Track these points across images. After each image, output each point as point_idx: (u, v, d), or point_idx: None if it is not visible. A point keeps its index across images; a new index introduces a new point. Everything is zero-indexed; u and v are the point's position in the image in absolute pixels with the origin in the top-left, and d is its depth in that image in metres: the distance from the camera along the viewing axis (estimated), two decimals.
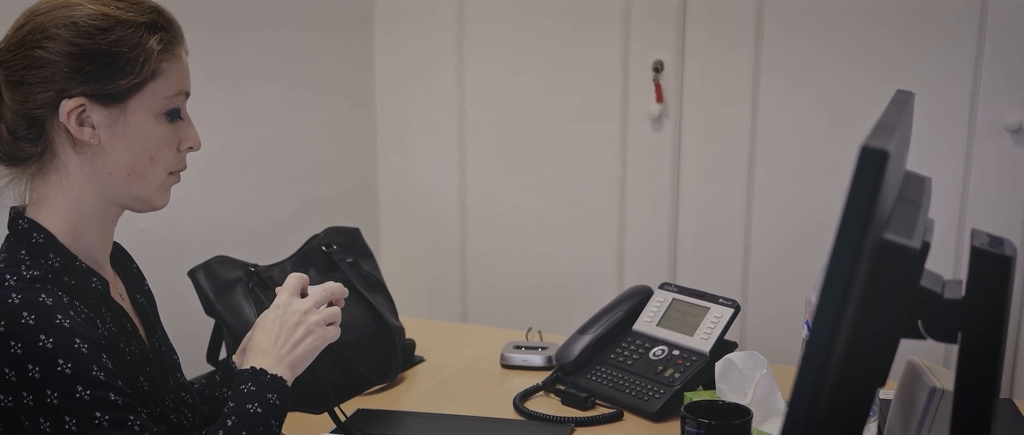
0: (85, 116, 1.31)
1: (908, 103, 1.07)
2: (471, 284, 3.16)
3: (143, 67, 1.31)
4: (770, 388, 1.73)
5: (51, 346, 1.23)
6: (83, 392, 1.23)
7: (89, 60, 1.29)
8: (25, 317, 1.23)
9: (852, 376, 0.87)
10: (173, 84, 1.35)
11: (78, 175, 1.34)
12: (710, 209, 2.82)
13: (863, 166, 0.74)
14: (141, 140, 1.34)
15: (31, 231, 1.33)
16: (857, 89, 2.59)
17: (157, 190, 1.39)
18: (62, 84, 1.29)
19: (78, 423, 1.23)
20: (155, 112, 1.34)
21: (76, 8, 1.30)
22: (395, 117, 3.15)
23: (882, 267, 0.82)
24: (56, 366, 1.23)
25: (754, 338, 2.76)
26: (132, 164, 1.35)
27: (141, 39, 1.31)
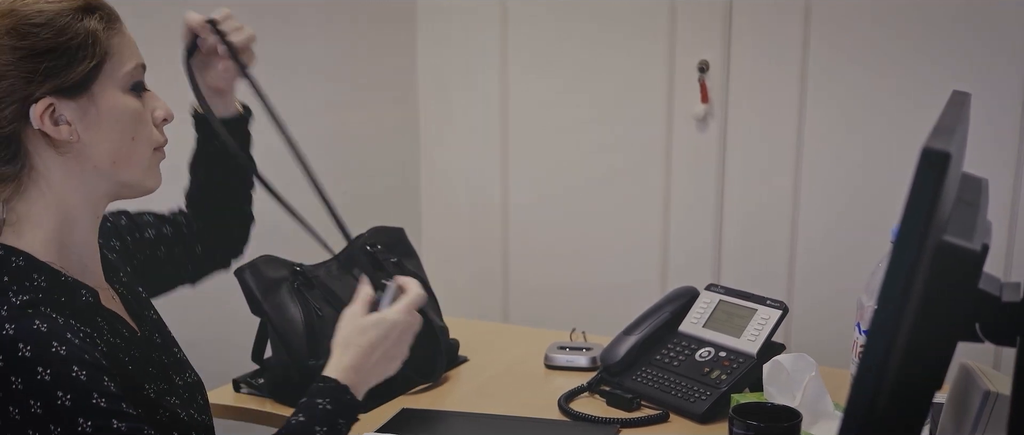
0: (57, 115, 1.29)
1: (965, 104, 1.06)
2: (513, 283, 3.16)
3: (94, 48, 1.30)
4: (819, 391, 1.71)
5: (49, 378, 1.20)
6: (85, 424, 1.20)
7: (40, 58, 1.27)
8: (22, 349, 1.20)
9: (910, 379, 0.86)
10: (127, 58, 1.34)
11: (61, 181, 1.33)
12: (756, 210, 2.80)
13: (924, 168, 0.73)
14: (117, 121, 1.33)
15: (8, 257, 1.30)
16: (906, 89, 2.56)
17: (146, 171, 1.38)
18: (23, 91, 1.27)
19: None
20: (121, 89, 1.33)
21: (13, 15, 1.28)
22: (437, 116, 3.16)
23: (942, 269, 0.81)
24: (56, 400, 1.20)
25: (799, 340, 2.74)
26: (115, 150, 1.34)
27: (82, 23, 1.29)
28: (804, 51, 2.65)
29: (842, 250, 2.70)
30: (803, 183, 2.73)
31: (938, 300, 0.83)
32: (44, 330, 1.22)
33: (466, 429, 1.82)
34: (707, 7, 2.73)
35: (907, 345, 0.82)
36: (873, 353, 0.78)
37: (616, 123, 2.91)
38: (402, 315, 1.47)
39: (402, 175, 3.15)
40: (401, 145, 3.14)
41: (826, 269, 2.73)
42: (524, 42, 2.99)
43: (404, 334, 1.47)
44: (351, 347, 1.44)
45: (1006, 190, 2.51)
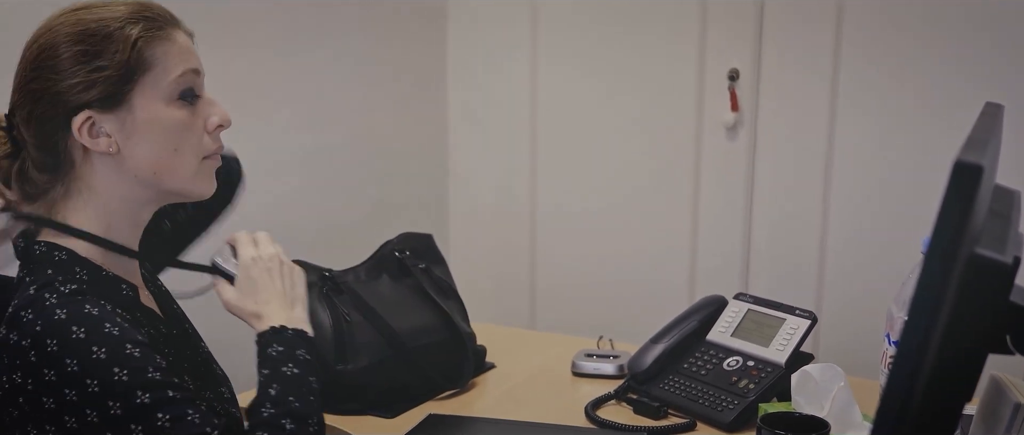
0: (96, 128, 1.31)
1: (998, 115, 1.05)
2: (540, 289, 3.16)
3: (129, 60, 1.30)
4: (848, 401, 1.70)
5: (105, 356, 1.22)
6: (143, 396, 1.23)
7: (77, 71, 1.29)
8: (75, 331, 1.22)
9: (940, 390, 0.86)
10: (173, 67, 1.33)
11: (103, 187, 1.35)
12: (785, 219, 2.79)
13: (957, 181, 0.73)
14: (157, 133, 1.33)
15: (51, 252, 1.33)
16: (938, 99, 2.55)
17: (192, 179, 1.38)
18: (63, 104, 1.30)
19: (144, 429, 1.23)
20: (166, 100, 1.33)
21: (53, 31, 1.31)
22: (466, 122, 3.17)
23: (973, 282, 0.81)
24: (112, 376, 1.22)
25: (828, 350, 2.73)
26: (156, 161, 1.34)
27: (120, 33, 1.30)
28: (835, 60, 2.64)
29: (872, 259, 2.68)
30: (833, 192, 2.72)
31: (969, 312, 0.82)
32: (94, 313, 1.24)
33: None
34: (737, 15, 2.72)
35: (937, 357, 0.82)
36: (903, 365, 0.78)
37: (645, 130, 2.91)
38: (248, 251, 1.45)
39: (430, 181, 3.16)
40: (430, 151, 3.15)
41: (855, 279, 2.72)
42: (554, 51, 2.99)
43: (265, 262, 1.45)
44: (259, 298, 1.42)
45: None
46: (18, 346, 1.24)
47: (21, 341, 1.23)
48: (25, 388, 1.23)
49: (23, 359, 1.23)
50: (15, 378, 1.24)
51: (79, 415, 1.22)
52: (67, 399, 1.22)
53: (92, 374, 1.21)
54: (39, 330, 1.23)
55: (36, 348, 1.22)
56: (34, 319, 1.24)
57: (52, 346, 1.22)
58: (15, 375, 1.24)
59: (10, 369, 1.24)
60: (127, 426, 1.22)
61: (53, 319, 1.23)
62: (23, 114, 1.33)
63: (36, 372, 1.22)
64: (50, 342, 1.22)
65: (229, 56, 2.31)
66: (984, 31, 2.48)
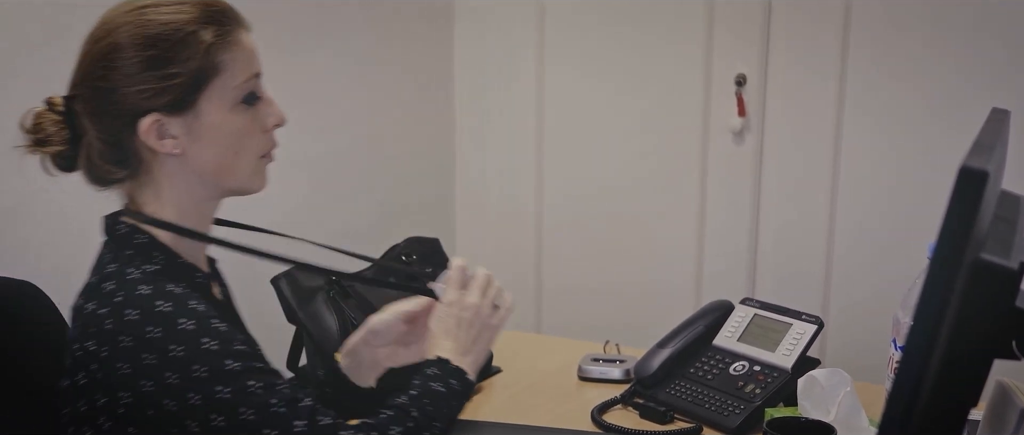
0: (163, 130, 1.33)
1: (1004, 122, 1.05)
2: (546, 294, 3.16)
3: (201, 67, 1.31)
4: (854, 406, 1.70)
5: (193, 327, 1.25)
6: (234, 364, 1.26)
7: (149, 76, 1.30)
8: (160, 305, 1.26)
9: (945, 395, 0.86)
10: (240, 72, 1.35)
11: (169, 183, 1.37)
12: (792, 224, 2.79)
13: (962, 186, 0.74)
14: (222, 137, 1.35)
15: (132, 234, 1.36)
16: (945, 104, 2.55)
17: (249, 178, 1.40)
18: (132, 105, 1.31)
19: (232, 391, 1.25)
20: (229, 104, 1.35)
21: (124, 29, 1.31)
22: (473, 127, 3.17)
23: (978, 287, 0.81)
24: (201, 344, 1.25)
25: (834, 355, 2.73)
26: (218, 161, 1.36)
27: (194, 38, 1.31)
28: (842, 65, 2.64)
29: (878, 264, 2.68)
30: (839, 197, 2.72)
31: (974, 317, 0.83)
32: (177, 291, 1.28)
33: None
34: (744, 21, 2.73)
35: (942, 362, 0.82)
36: (908, 370, 0.78)
37: (652, 135, 2.92)
38: (450, 294, 1.49)
39: (437, 185, 3.17)
40: (436, 155, 3.16)
41: (862, 283, 2.72)
42: (561, 55, 3.00)
43: (462, 309, 1.48)
44: (433, 332, 1.47)
45: None
46: (94, 314, 1.27)
47: (99, 309, 1.27)
48: (98, 356, 1.25)
49: (98, 327, 1.26)
50: (88, 346, 1.27)
51: (157, 379, 1.24)
52: (145, 363, 1.24)
53: (177, 341, 1.24)
54: (119, 301, 1.26)
55: (114, 318, 1.25)
56: (115, 290, 1.27)
57: (132, 315, 1.25)
58: (89, 343, 1.27)
59: (83, 337, 1.28)
60: (213, 388, 1.24)
61: (136, 293, 1.27)
62: (87, 107, 1.34)
63: (112, 340, 1.25)
64: (130, 312, 1.25)
65: None
66: (992, 36, 2.48)
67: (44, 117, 1.36)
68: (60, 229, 2.11)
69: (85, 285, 1.34)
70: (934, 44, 2.55)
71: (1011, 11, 2.46)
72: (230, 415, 1.25)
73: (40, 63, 2.03)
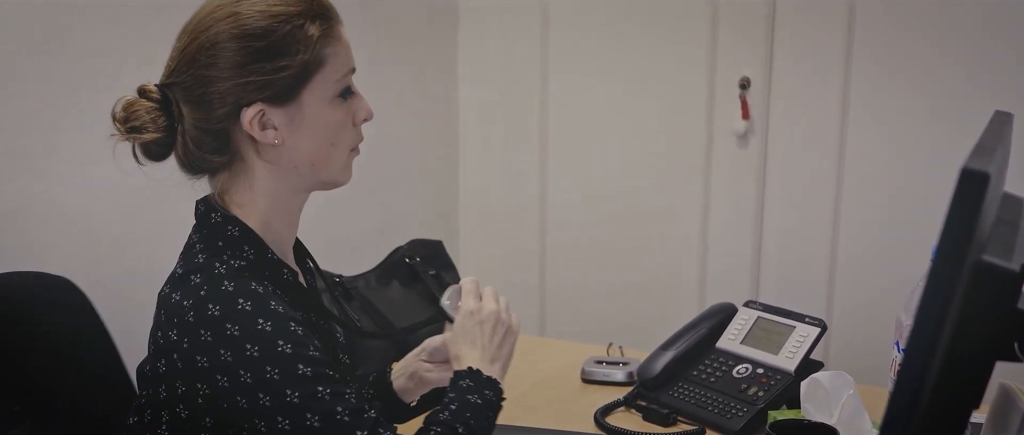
0: (266, 120, 1.34)
1: (1007, 124, 1.06)
2: (550, 296, 3.16)
3: (309, 60, 1.34)
4: (857, 409, 1.70)
5: (270, 328, 1.27)
6: (305, 369, 1.27)
7: (258, 67, 1.32)
8: (242, 304, 1.27)
9: (946, 398, 0.86)
10: (340, 66, 1.38)
11: (264, 174, 1.38)
12: (795, 227, 2.79)
13: (963, 188, 0.74)
14: (320, 129, 1.37)
15: (225, 225, 1.37)
16: (950, 107, 2.55)
17: (341, 170, 1.43)
18: (237, 95, 1.33)
19: (300, 396, 1.26)
20: (328, 98, 1.37)
21: (235, 18, 1.33)
22: (477, 130, 3.17)
23: (980, 289, 0.81)
24: (276, 346, 1.26)
25: (838, 357, 2.73)
26: (315, 153, 1.38)
27: (302, 32, 1.33)
28: (846, 68, 2.64)
29: (882, 268, 2.68)
30: (843, 201, 2.72)
31: (975, 319, 0.83)
32: (260, 291, 1.30)
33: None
34: (748, 23, 2.73)
35: (944, 364, 0.82)
36: (909, 371, 0.78)
37: (656, 137, 2.92)
38: (470, 303, 1.51)
39: (441, 188, 3.17)
40: (440, 158, 3.16)
41: (866, 287, 2.72)
42: (565, 58, 3.00)
43: (483, 316, 1.50)
44: (458, 345, 1.48)
45: None
46: (179, 305, 1.29)
47: (184, 301, 1.29)
48: (181, 346, 1.28)
49: (181, 318, 1.28)
50: (171, 335, 1.29)
51: (231, 375, 1.26)
52: (222, 360, 1.26)
53: (253, 341, 1.26)
54: (203, 295, 1.28)
55: (196, 311, 1.27)
56: (201, 284, 1.29)
57: (213, 311, 1.27)
58: (171, 332, 1.29)
59: (167, 326, 1.30)
60: (283, 390, 1.26)
61: (219, 289, 1.28)
62: (189, 95, 1.35)
63: (193, 333, 1.27)
64: (212, 308, 1.27)
65: None
66: (996, 38, 2.49)
67: (138, 105, 1.36)
68: (62, 229, 2.11)
69: (174, 273, 1.35)
70: (938, 47, 2.55)
71: (1016, 13, 2.46)
72: (296, 419, 1.26)
73: (40, 65, 2.03)
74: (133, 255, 2.21)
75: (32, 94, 2.04)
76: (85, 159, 2.10)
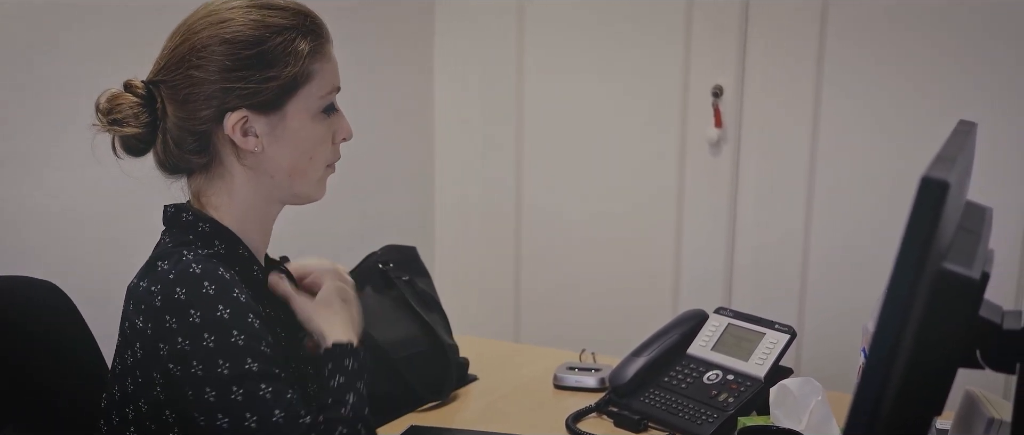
0: (248, 126, 1.36)
1: (970, 133, 1.07)
2: (525, 303, 3.17)
3: (296, 73, 1.36)
4: (825, 415, 1.71)
5: (227, 317, 1.28)
6: (252, 364, 1.27)
7: (246, 74, 1.34)
8: (206, 287, 1.28)
9: (908, 404, 0.87)
10: (326, 83, 1.41)
11: (243, 179, 1.40)
12: (767, 234, 2.81)
13: (923, 196, 0.75)
14: (301, 141, 1.40)
15: (197, 222, 1.39)
16: (919, 118, 2.57)
17: (316, 185, 1.45)
18: (223, 99, 1.35)
19: (244, 394, 1.27)
20: (312, 113, 1.40)
21: (228, 24, 1.35)
22: (453, 137, 3.18)
23: (941, 296, 0.82)
24: (230, 337, 1.27)
25: (809, 364, 2.74)
26: (293, 165, 1.40)
27: (292, 45, 1.36)
28: (817, 77, 2.66)
29: (853, 275, 2.70)
30: (815, 207, 2.74)
31: (937, 326, 0.84)
32: (226, 277, 1.31)
33: None
34: (721, 31, 2.74)
35: (906, 371, 0.83)
36: (871, 377, 0.79)
37: (630, 144, 2.93)
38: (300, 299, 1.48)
39: (416, 193, 3.17)
40: (415, 164, 3.16)
41: (837, 293, 2.73)
42: (540, 66, 3.01)
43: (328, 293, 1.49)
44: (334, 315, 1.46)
45: (1018, 219, 2.51)
46: (147, 292, 1.30)
47: (151, 287, 1.30)
48: (145, 333, 1.29)
49: (148, 304, 1.29)
50: (137, 322, 1.30)
51: (184, 365, 1.27)
52: (178, 348, 1.27)
53: (211, 330, 1.27)
54: (171, 279, 1.29)
55: (163, 295, 1.28)
56: (169, 269, 1.30)
57: (180, 294, 1.27)
58: (138, 319, 1.30)
59: (135, 313, 1.31)
60: (229, 387, 1.27)
61: (187, 272, 1.29)
62: (175, 93, 1.36)
63: (158, 318, 1.28)
64: (179, 291, 1.28)
65: None
66: (968, 49, 2.51)
67: (122, 99, 1.38)
68: (47, 234, 2.10)
69: (143, 266, 1.36)
70: (911, 57, 2.57)
71: (989, 22, 2.48)
72: (235, 418, 1.27)
73: (23, 69, 2.03)
74: (117, 258, 2.20)
75: (14, 99, 2.04)
76: (69, 163, 2.10)
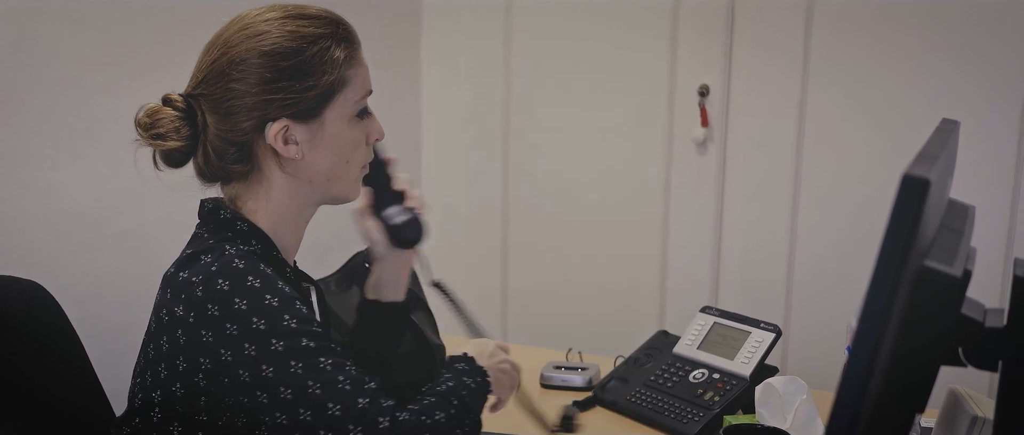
0: (289, 135, 1.39)
1: (953, 132, 1.07)
2: (512, 301, 3.17)
3: (333, 80, 1.40)
4: (810, 414, 1.72)
5: (277, 304, 1.31)
6: (308, 342, 1.30)
7: (286, 85, 1.37)
8: (251, 280, 1.31)
9: (891, 402, 0.87)
10: (360, 88, 1.45)
11: (281, 185, 1.43)
12: (754, 233, 2.81)
13: (904, 194, 0.75)
14: (339, 146, 1.43)
15: (235, 220, 1.42)
16: (906, 117, 2.58)
17: (352, 186, 1.50)
18: (264, 110, 1.38)
19: (303, 367, 1.30)
20: (347, 117, 1.43)
21: (265, 37, 1.38)
22: (440, 137, 3.17)
23: (922, 294, 0.83)
24: (282, 320, 1.30)
25: (796, 363, 2.75)
26: (331, 169, 1.44)
27: (328, 53, 1.40)
28: (803, 77, 2.67)
29: (840, 273, 2.71)
30: (801, 207, 2.74)
31: (919, 324, 0.84)
32: (268, 271, 1.34)
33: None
34: (707, 31, 2.75)
35: (888, 368, 0.84)
36: (852, 374, 0.79)
37: (617, 144, 2.93)
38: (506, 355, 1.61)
39: None
40: (403, 163, 3.15)
41: (823, 292, 2.74)
42: (527, 66, 3.00)
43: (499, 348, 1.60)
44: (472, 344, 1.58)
45: (1003, 217, 2.52)
46: (188, 282, 1.32)
47: (192, 277, 1.32)
48: (186, 320, 1.31)
49: (188, 293, 1.31)
50: (177, 311, 1.32)
51: (236, 348, 1.29)
52: (227, 333, 1.29)
53: (260, 314, 1.30)
54: (214, 271, 1.31)
55: (205, 285, 1.30)
56: (211, 262, 1.33)
57: (223, 285, 1.30)
58: (177, 308, 1.32)
59: (173, 302, 1.33)
60: (287, 362, 1.29)
61: (230, 265, 1.32)
62: (216, 106, 1.39)
63: (200, 306, 1.30)
64: (222, 282, 1.30)
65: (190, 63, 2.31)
66: (954, 50, 2.51)
67: (162, 113, 1.40)
68: (31, 233, 2.10)
69: (182, 255, 1.39)
70: (897, 56, 2.57)
71: (977, 24, 2.49)
72: (298, 389, 1.29)
73: (4, 68, 2.02)
74: (102, 259, 2.20)
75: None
76: (51, 163, 2.09)
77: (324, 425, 1.29)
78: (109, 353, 1.83)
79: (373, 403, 1.31)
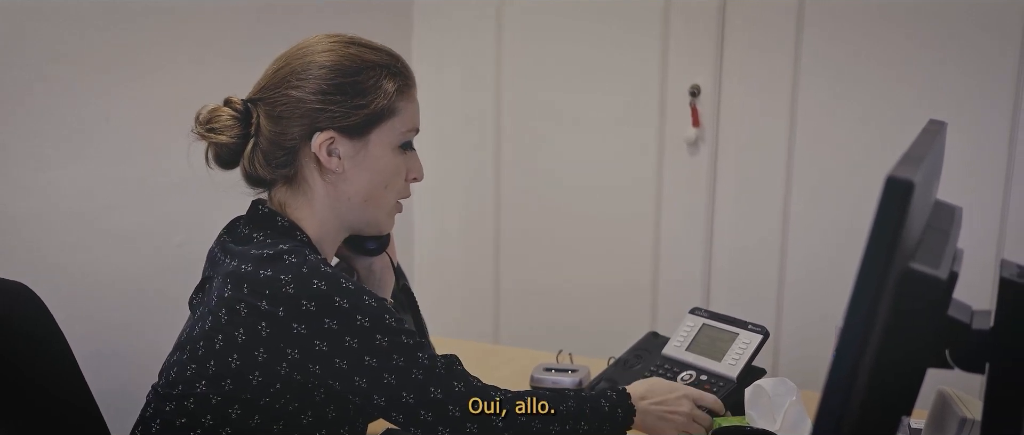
0: (333, 147, 1.50)
1: (939, 133, 1.06)
2: (504, 301, 3.16)
3: (384, 106, 1.51)
4: (800, 416, 1.71)
5: (375, 305, 1.43)
6: (381, 339, 1.43)
7: (339, 99, 1.49)
8: (345, 283, 1.43)
9: (877, 404, 0.86)
10: (407, 121, 1.55)
11: (322, 195, 1.53)
12: (745, 234, 2.81)
13: (888, 196, 0.74)
14: (379, 169, 1.54)
15: (293, 230, 1.53)
16: (897, 117, 2.57)
17: (386, 215, 1.60)
18: (314, 119, 1.49)
19: (404, 360, 1.44)
20: (392, 145, 1.54)
21: (329, 54, 1.50)
22: (431, 140, 3.16)
23: (907, 296, 0.82)
24: (384, 320, 1.43)
25: (786, 364, 2.75)
26: (369, 190, 1.54)
27: (383, 80, 1.51)
28: (795, 77, 2.66)
29: (831, 274, 2.70)
30: (792, 207, 2.74)
31: (905, 327, 0.83)
32: (330, 270, 1.44)
33: None
34: (699, 31, 2.74)
35: (873, 371, 0.83)
36: (838, 376, 0.78)
37: (608, 144, 2.93)
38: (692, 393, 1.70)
39: None
40: None
41: (814, 293, 2.73)
42: (518, 66, 3.00)
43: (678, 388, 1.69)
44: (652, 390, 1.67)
45: (993, 219, 2.51)
46: (274, 279, 1.41)
47: (279, 275, 1.41)
48: (274, 315, 1.41)
49: (275, 290, 1.41)
50: (260, 305, 1.42)
51: (335, 341, 1.42)
52: (326, 327, 1.41)
53: (363, 313, 1.42)
54: (305, 272, 1.41)
55: (298, 284, 1.41)
56: (299, 263, 1.43)
57: (320, 285, 1.41)
58: (261, 302, 1.41)
59: (254, 296, 1.42)
60: (389, 355, 1.44)
61: (321, 269, 1.43)
62: (271, 110, 1.51)
63: (292, 302, 1.40)
64: (318, 283, 1.41)
65: (183, 63, 2.30)
66: (943, 48, 2.51)
67: (221, 112, 1.52)
68: (18, 235, 2.09)
69: (247, 253, 1.46)
70: (888, 55, 2.57)
71: (965, 21, 2.49)
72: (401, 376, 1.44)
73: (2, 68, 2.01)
74: (89, 261, 2.19)
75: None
76: (40, 164, 2.08)
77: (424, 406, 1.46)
78: (96, 354, 1.83)
79: (467, 385, 1.50)
